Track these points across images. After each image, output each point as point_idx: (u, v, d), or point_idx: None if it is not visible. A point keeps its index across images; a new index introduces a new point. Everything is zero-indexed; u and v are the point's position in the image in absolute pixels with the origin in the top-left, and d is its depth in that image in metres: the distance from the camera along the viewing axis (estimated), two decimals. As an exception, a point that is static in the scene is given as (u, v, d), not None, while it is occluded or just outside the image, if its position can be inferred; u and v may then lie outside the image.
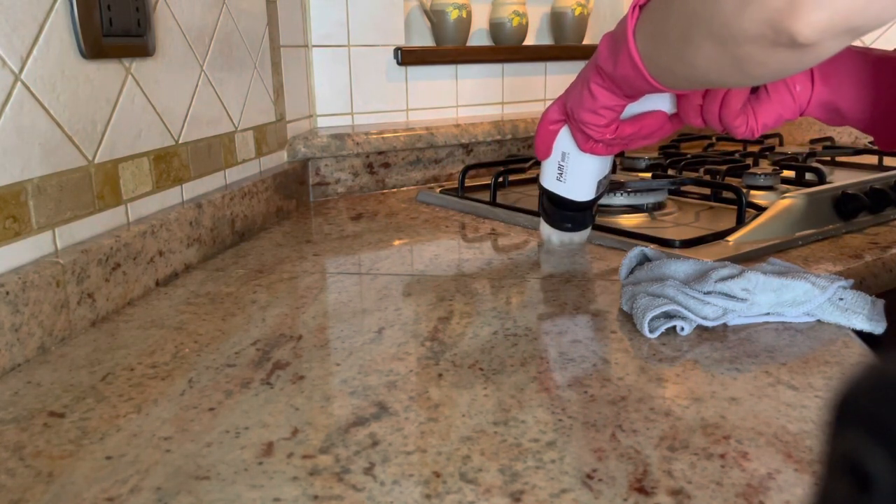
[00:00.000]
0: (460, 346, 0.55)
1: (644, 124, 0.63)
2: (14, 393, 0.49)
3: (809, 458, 0.40)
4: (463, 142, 1.24)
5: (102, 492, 0.38)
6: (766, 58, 0.42)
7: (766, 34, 0.40)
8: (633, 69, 0.53)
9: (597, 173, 0.70)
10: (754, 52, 0.42)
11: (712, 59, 0.45)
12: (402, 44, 1.29)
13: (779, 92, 0.59)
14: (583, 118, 0.62)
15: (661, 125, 0.64)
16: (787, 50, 0.41)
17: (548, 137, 0.69)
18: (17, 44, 0.54)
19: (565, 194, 0.72)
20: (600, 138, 0.63)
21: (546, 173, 0.72)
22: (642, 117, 0.63)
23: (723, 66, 0.46)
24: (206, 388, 0.49)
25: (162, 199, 0.73)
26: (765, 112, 0.60)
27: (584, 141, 0.65)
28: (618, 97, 0.59)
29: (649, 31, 0.51)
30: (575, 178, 0.70)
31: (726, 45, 0.43)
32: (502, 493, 0.37)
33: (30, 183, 0.55)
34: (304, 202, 1.10)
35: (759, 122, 0.60)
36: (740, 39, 0.42)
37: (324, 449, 0.41)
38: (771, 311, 0.58)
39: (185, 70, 0.77)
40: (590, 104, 0.61)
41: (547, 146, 0.70)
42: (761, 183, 1.02)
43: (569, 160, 0.69)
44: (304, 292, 0.69)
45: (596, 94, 0.59)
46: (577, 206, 0.73)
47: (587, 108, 0.61)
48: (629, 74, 0.54)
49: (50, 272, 0.55)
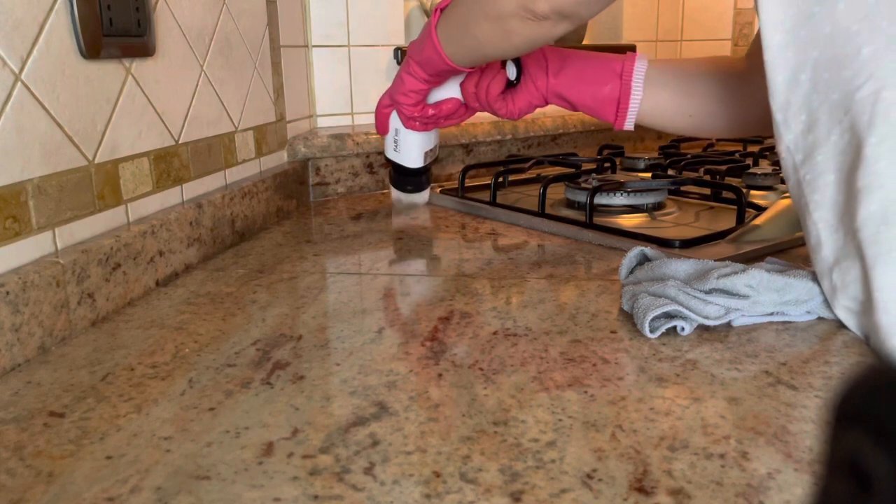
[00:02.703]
0: (460, 346, 0.55)
1: (442, 107, 0.83)
2: (14, 393, 0.49)
3: (809, 458, 0.40)
4: (463, 142, 1.24)
5: (102, 492, 0.38)
6: (522, 29, 0.64)
7: (519, 11, 0.62)
8: (434, 52, 0.72)
9: (422, 145, 0.88)
10: (514, 25, 0.63)
11: (489, 33, 0.66)
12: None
13: (527, 84, 0.80)
14: (398, 99, 0.81)
15: (456, 108, 0.84)
16: (534, 23, 0.63)
17: (383, 118, 0.87)
18: (17, 44, 0.54)
19: (401, 162, 0.89)
20: (410, 115, 0.83)
21: (387, 146, 0.90)
22: (441, 102, 0.83)
23: (496, 39, 0.66)
24: (207, 388, 0.49)
25: (162, 199, 0.73)
26: (519, 99, 0.80)
27: (405, 119, 0.84)
28: (420, 82, 0.78)
29: (445, 23, 0.71)
30: (406, 150, 0.88)
31: (496, 22, 0.64)
32: (502, 493, 0.37)
33: (30, 183, 0.55)
34: (304, 202, 1.10)
35: (515, 106, 0.81)
36: (504, 16, 0.63)
37: (324, 449, 0.41)
38: (775, 310, 0.58)
39: (186, 70, 0.77)
40: (401, 88, 0.80)
41: (383, 124, 0.88)
42: (761, 183, 1.02)
43: (399, 135, 0.87)
44: (304, 292, 0.69)
45: (405, 80, 0.79)
46: (412, 172, 0.91)
47: (400, 92, 0.80)
48: (431, 56, 0.73)
49: (50, 272, 0.55)
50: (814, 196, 0.56)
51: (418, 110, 0.82)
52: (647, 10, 1.66)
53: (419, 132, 0.86)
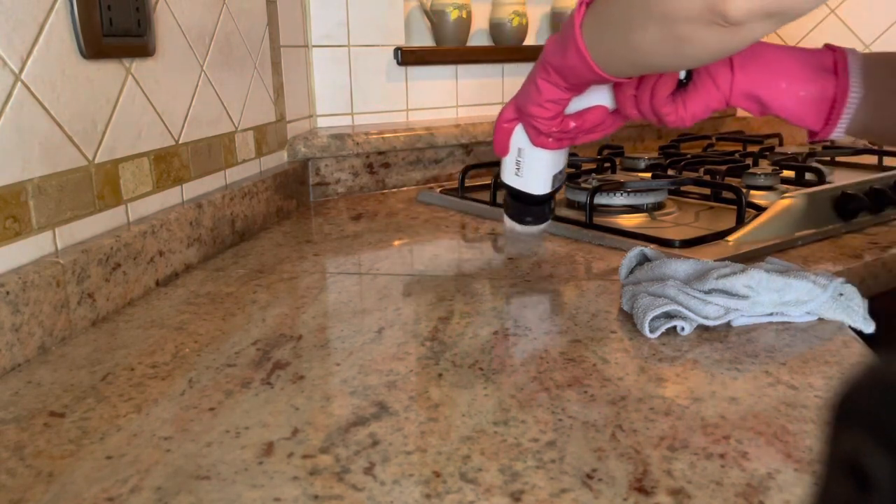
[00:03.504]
0: (460, 346, 0.55)
1: (586, 118, 0.68)
2: (14, 393, 0.49)
3: (809, 458, 0.40)
4: (463, 142, 1.24)
5: (103, 491, 0.38)
6: (702, 37, 0.49)
7: (703, 14, 0.47)
8: (579, 59, 0.58)
9: (551, 167, 0.74)
10: (692, 31, 0.49)
11: (655, 40, 0.51)
12: (402, 44, 1.29)
13: (703, 83, 0.64)
14: (531, 112, 0.67)
15: (602, 119, 0.68)
16: (721, 29, 0.47)
17: (504, 135, 0.73)
18: (18, 44, 0.54)
19: (523, 188, 0.75)
20: (547, 131, 0.68)
21: (505, 169, 0.76)
22: (584, 112, 0.68)
23: (664, 47, 0.52)
24: (207, 388, 0.49)
25: (162, 199, 0.73)
26: (692, 102, 0.64)
27: (536, 135, 0.70)
28: (561, 91, 0.64)
29: (595, 23, 0.57)
30: (531, 173, 0.74)
31: (667, 26, 0.50)
32: (502, 492, 0.37)
33: (30, 183, 0.55)
34: (305, 202, 1.10)
35: (688, 111, 0.65)
36: (680, 19, 0.48)
37: (324, 449, 0.41)
38: (774, 310, 0.58)
39: (185, 70, 0.77)
40: (536, 98, 0.65)
41: (504, 143, 0.74)
42: (761, 183, 1.02)
43: (524, 156, 0.73)
44: (304, 292, 0.69)
45: (542, 88, 0.64)
46: (535, 200, 0.76)
47: (534, 102, 0.66)
48: (576, 64, 0.59)
49: (50, 272, 0.55)
50: None
51: (556, 124, 0.67)
52: (647, 10, 1.66)
53: (550, 151, 0.72)
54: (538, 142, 0.70)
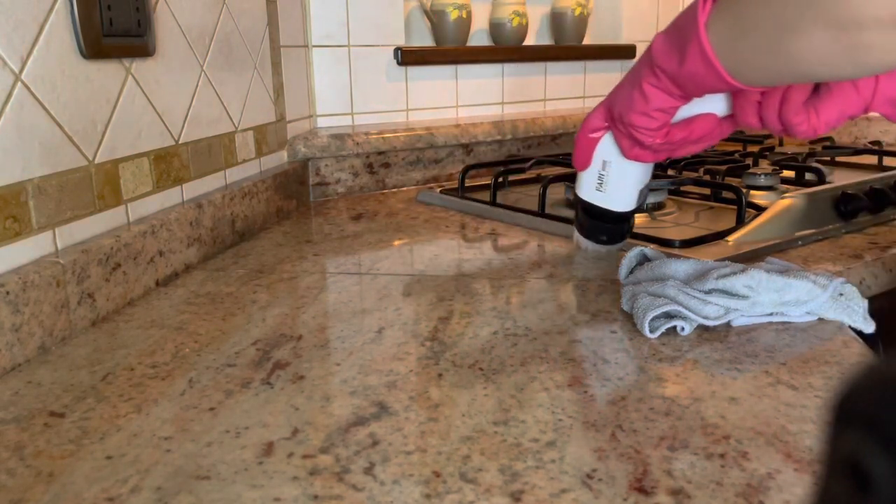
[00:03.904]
0: (460, 346, 0.55)
1: (694, 128, 0.59)
2: (14, 393, 0.49)
3: (809, 458, 0.40)
4: (463, 142, 1.24)
5: (103, 492, 0.38)
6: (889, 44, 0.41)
7: None
8: (704, 66, 0.50)
9: (639, 182, 0.68)
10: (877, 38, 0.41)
11: (822, 48, 0.44)
12: (402, 44, 1.29)
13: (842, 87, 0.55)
14: (633, 121, 0.59)
15: (712, 128, 0.60)
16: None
17: (588, 146, 0.66)
18: (18, 44, 0.54)
19: (604, 205, 0.69)
20: (650, 143, 0.60)
21: (583, 183, 0.69)
22: (692, 121, 0.59)
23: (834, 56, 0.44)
24: (207, 387, 0.49)
25: (162, 199, 0.73)
26: (827, 109, 0.55)
27: (630, 147, 0.62)
28: (674, 98, 0.56)
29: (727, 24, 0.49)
30: (615, 188, 0.67)
31: (844, 33, 0.42)
32: (502, 492, 0.37)
33: (30, 183, 0.55)
34: (305, 202, 1.10)
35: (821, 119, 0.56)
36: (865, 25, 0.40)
37: (324, 449, 0.41)
38: (774, 310, 0.58)
39: (185, 70, 0.77)
40: (641, 106, 0.58)
41: (587, 155, 0.67)
42: (761, 183, 1.02)
43: (610, 169, 0.66)
44: (304, 292, 0.69)
45: (649, 95, 0.56)
46: (616, 217, 0.70)
47: (639, 111, 0.58)
48: (698, 72, 0.51)
49: (50, 272, 0.55)
50: None
51: (661, 135, 0.60)
52: (647, 10, 1.66)
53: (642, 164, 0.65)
54: (633, 154, 0.63)
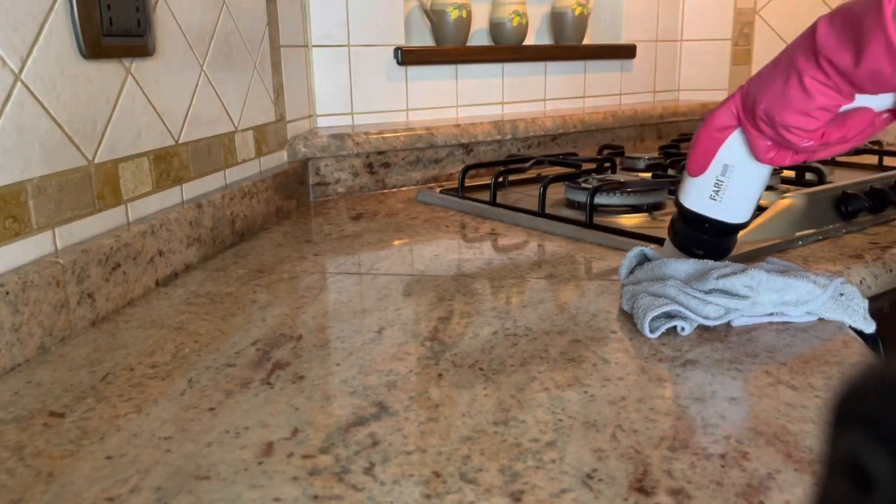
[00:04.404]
0: (460, 346, 0.55)
1: (851, 126, 0.52)
2: (14, 393, 0.49)
3: (809, 458, 0.40)
4: (463, 142, 1.24)
5: (102, 492, 0.38)
6: None
7: None
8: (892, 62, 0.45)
9: (761, 189, 0.60)
10: None
11: None
12: (402, 44, 1.29)
13: None
14: (787, 121, 0.52)
15: (866, 126, 0.53)
16: None
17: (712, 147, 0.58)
18: (18, 44, 0.54)
19: (719, 216, 0.60)
20: (805, 146, 0.53)
21: (694, 191, 0.61)
22: (848, 117, 0.52)
23: None
24: (206, 388, 0.49)
25: (162, 199, 0.73)
26: None
27: (767, 150, 0.55)
28: (843, 97, 0.49)
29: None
30: (735, 197, 0.59)
31: None
32: (502, 493, 0.37)
33: (30, 183, 0.55)
34: (304, 202, 1.10)
35: None
36: None
37: (324, 449, 0.41)
38: (774, 310, 0.58)
39: (185, 70, 0.77)
40: (801, 104, 0.51)
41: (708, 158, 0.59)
42: (761, 183, 1.02)
43: (731, 175, 0.58)
44: (304, 292, 0.69)
45: (813, 92, 0.50)
46: (727, 230, 0.61)
47: (798, 110, 0.51)
48: (883, 69, 0.45)
49: (50, 272, 0.55)
50: None
51: (818, 136, 0.52)
52: (646, 10, 1.66)
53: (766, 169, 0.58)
54: (768, 157, 0.55)
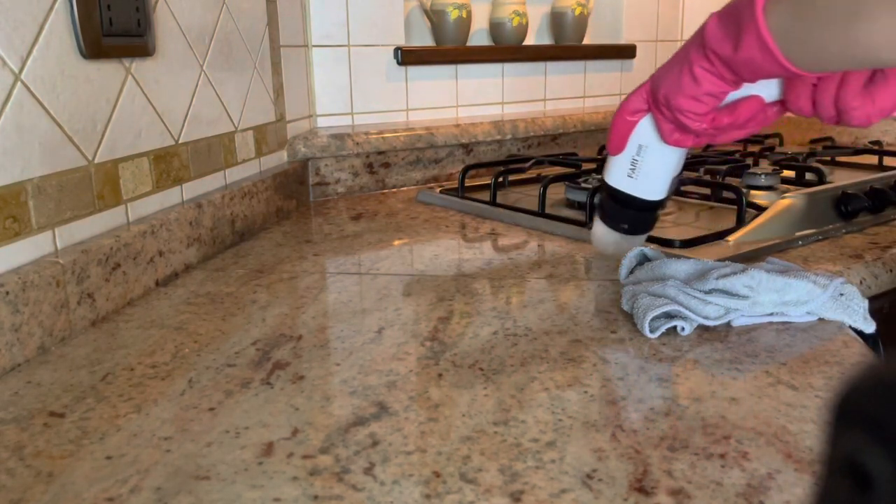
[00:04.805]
0: (460, 346, 0.55)
1: (740, 112, 0.57)
2: (14, 393, 0.49)
3: (809, 458, 0.40)
4: (463, 142, 1.24)
5: (102, 492, 0.38)
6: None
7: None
8: (762, 52, 0.49)
9: (673, 169, 0.66)
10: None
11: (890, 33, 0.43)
12: (402, 44, 1.29)
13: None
14: (680, 105, 0.57)
15: (757, 113, 0.58)
16: None
17: (626, 129, 0.64)
18: (17, 44, 0.54)
19: (635, 192, 0.66)
20: (697, 128, 0.59)
21: (614, 169, 0.67)
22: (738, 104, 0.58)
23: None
24: (206, 388, 0.49)
25: (162, 199, 0.73)
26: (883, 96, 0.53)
27: (671, 132, 0.61)
28: (726, 83, 0.55)
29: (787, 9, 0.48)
30: (648, 175, 0.65)
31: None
32: (502, 493, 0.37)
33: (30, 183, 0.55)
34: (304, 202, 1.10)
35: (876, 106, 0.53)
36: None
37: (324, 449, 0.41)
38: (774, 310, 0.58)
39: (185, 70, 0.77)
40: (691, 89, 0.56)
41: (623, 139, 0.65)
42: (761, 183, 1.02)
43: (645, 154, 0.64)
44: (304, 292, 0.69)
45: (700, 78, 0.55)
46: (645, 206, 0.67)
47: (688, 95, 0.57)
48: (755, 58, 0.50)
49: (50, 272, 0.55)
50: None
51: (708, 119, 0.58)
52: (647, 10, 1.66)
53: (676, 150, 0.64)
54: (673, 139, 0.61)
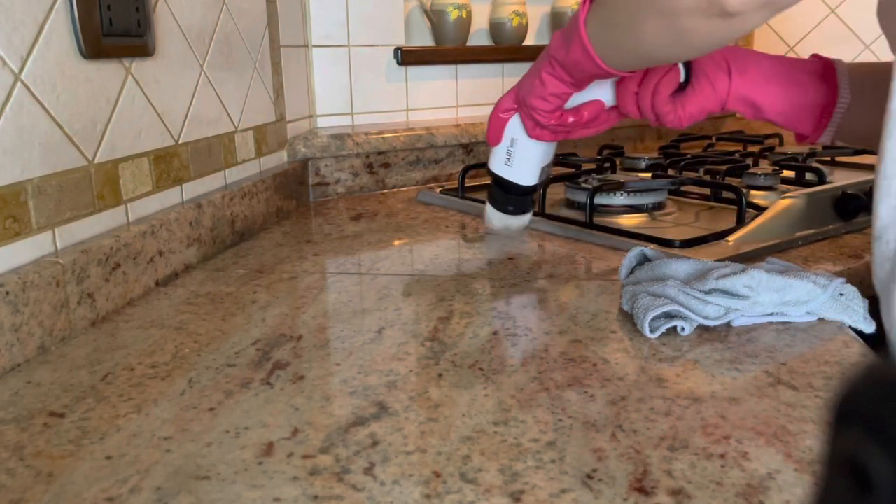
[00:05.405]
0: (460, 346, 0.55)
1: (583, 112, 0.69)
2: (14, 393, 0.49)
3: (809, 458, 0.40)
4: (463, 142, 1.24)
5: (102, 492, 0.38)
6: (702, 28, 0.51)
7: (703, 7, 0.49)
8: (583, 54, 0.60)
9: (541, 160, 0.76)
10: (692, 23, 0.51)
11: (657, 33, 0.54)
12: (402, 44, 1.29)
13: (702, 85, 0.67)
14: (532, 104, 0.68)
15: (598, 114, 0.70)
16: (720, 20, 0.50)
17: (499, 124, 0.74)
18: (18, 44, 0.54)
19: (511, 178, 0.76)
20: (546, 123, 0.69)
21: (495, 158, 0.77)
22: (582, 106, 0.69)
23: (665, 39, 0.54)
24: (206, 388, 0.49)
25: (162, 199, 0.73)
26: (690, 103, 0.67)
27: (532, 127, 0.71)
28: (565, 85, 0.66)
29: (598, 18, 0.59)
30: (521, 164, 0.75)
31: (669, 20, 0.52)
32: (502, 493, 0.37)
33: (30, 183, 0.55)
34: (304, 202, 1.10)
35: (685, 111, 0.67)
36: (681, 12, 0.50)
37: (324, 449, 0.41)
38: (774, 311, 0.58)
39: (185, 70, 0.77)
40: (539, 91, 0.67)
41: (498, 132, 0.75)
42: (761, 183, 1.02)
43: (517, 146, 0.74)
44: (304, 292, 0.69)
45: (546, 81, 0.66)
46: (521, 191, 0.78)
47: (537, 95, 0.67)
48: (579, 59, 0.61)
49: (50, 272, 0.55)
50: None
51: (555, 117, 0.69)
52: (647, 10, 1.66)
53: (541, 143, 0.74)
54: (534, 134, 0.72)
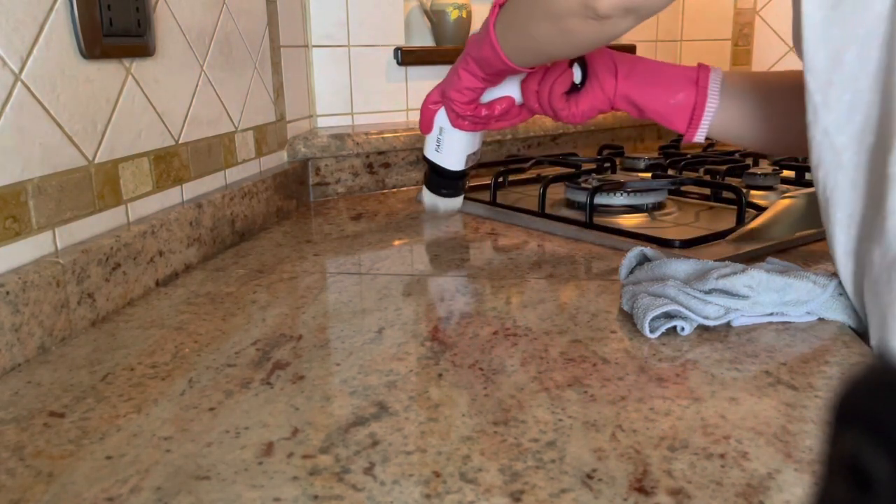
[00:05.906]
0: (460, 346, 0.55)
1: (495, 106, 0.80)
2: (14, 393, 0.49)
3: (809, 458, 0.40)
4: (463, 142, 1.24)
5: (102, 492, 0.38)
6: (582, 28, 0.60)
7: (579, 10, 0.59)
8: (492, 51, 0.70)
9: (466, 148, 0.85)
10: (573, 24, 0.60)
11: (548, 33, 0.63)
12: (402, 44, 1.29)
13: (593, 87, 0.76)
14: (451, 96, 0.79)
15: (509, 108, 0.81)
16: (595, 22, 0.59)
17: (428, 115, 0.85)
18: (17, 44, 0.54)
19: (441, 163, 0.87)
20: (463, 114, 0.80)
21: (427, 145, 0.87)
22: (494, 101, 0.80)
23: (555, 38, 0.63)
24: (206, 388, 0.49)
25: (162, 199, 0.73)
26: (582, 102, 0.77)
27: (454, 118, 0.81)
28: (478, 80, 0.76)
29: (504, 21, 0.68)
30: (449, 151, 0.85)
31: (556, 21, 0.61)
32: (502, 493, 0.37)
33: (30, 183, 0.55)
34: (304, 202, 1.10)
35: (578, 109, 0.77)
36: (564, 15, 0.60)
37: (324, 449, 0.41)
38: (774, 310, 0.58)
39: (185, 70, 0.77)
40: (457, 85, 0.77)
41: (428, 122, 0.85)
42: (761, 183, 1.02)
43: (444, 135, 0.85)
44: (304, 292, 0.69)
45: (462, 76, 0.77)
46: (451, 175, 0.88)
47: (455, 88, 0.78)
48: (489, 56, 0.71)
49: (50, 272, 0.55)
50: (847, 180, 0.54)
51: (471, 109, 0.79)
52: (647, 10, 1.66)
53: (465, 133, 0.84)
54: (456, 124, 0.82)
